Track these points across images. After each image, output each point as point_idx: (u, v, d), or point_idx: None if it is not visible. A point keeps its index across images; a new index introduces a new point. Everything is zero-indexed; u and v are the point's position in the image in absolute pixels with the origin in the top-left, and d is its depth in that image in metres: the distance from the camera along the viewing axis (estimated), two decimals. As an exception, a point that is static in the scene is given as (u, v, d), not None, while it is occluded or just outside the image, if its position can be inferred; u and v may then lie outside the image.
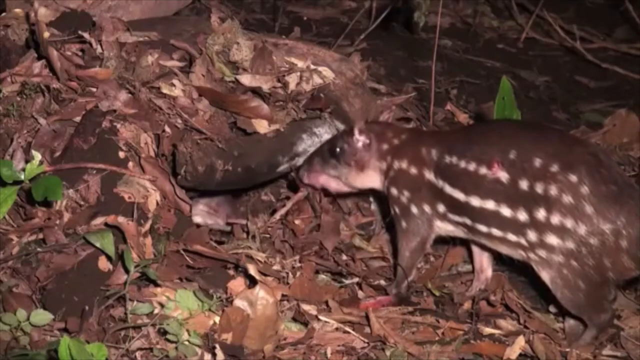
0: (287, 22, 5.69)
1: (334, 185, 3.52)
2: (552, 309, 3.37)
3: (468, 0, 6.24)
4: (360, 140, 3.41)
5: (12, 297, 2.94)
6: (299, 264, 3.34)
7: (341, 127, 3.75)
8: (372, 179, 3.46)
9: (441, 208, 3.26)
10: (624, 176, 3.13)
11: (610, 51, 5.94)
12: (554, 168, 2.99)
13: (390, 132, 3.44)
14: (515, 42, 5.98)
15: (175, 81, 3.46)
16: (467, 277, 3.60)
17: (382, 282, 3.51)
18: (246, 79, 3.56)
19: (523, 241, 3.08)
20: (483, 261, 3.48)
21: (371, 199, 3.86)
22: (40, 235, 3.08)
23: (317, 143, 3.66)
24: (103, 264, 2.99)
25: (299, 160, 3.61)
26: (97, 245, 2.95)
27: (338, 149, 3.44)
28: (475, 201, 3.14)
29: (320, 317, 3.10)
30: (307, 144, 3.61)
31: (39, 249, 3.03)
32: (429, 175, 3.26)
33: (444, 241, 3.53)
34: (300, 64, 3.73)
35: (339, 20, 5.86)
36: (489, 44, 5.92)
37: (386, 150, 3.39)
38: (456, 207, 3.21)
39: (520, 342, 3.01)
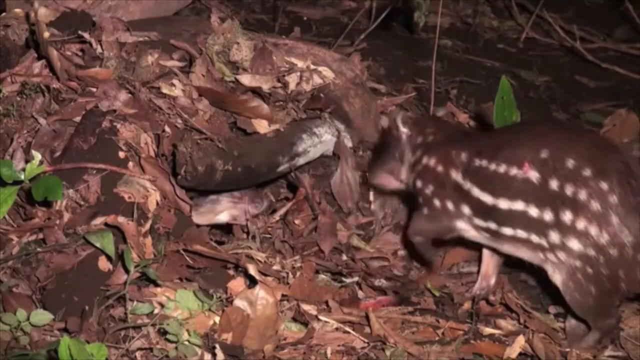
0: (287, 22, 5.69)
1: (394, 184, 3.54)
2: (552, 309, 3.37)
3: (468, 0, 6.24)
4: (404, 135, 3.42)
5: (12, 297, 2.94)
6: (299, 264, 3.34)
7: (341, 127, 3.75)
8: (403, 172, 3.47)
9: (466, 210, 3.20)
10: None
11: (610, 51, 5.94)
12: (587, 172, 2.96)
13: (427, 127, 3.44)
14: (515, 42, 5.97)
15: (175, 81, 3.46)
16: (467, 277, 3.60)
17: (383, 282, 3.51)
18: (246, 79, 3.56)
19: (544, 242, 3.05)
20: (490, 268, 3.46)
21: (371, 199, 3.86)
22: (40, 235, 3.08)
23: (317, 143, 3.66)
24: (103, 264, 2.99)
25: (299, 160, 3.61)
26: (97, 245, 2.95)
27: (387, 145, 3.47)
28: (503, 204, 3.09)
29: (320, 317, 3.10)
30: (307, 144, 3.61)
31: (39, 249, 3.03)
32: (456, 176, 3.22)
33: (443, 241, 3.53)
34: (300, 64, 3.74)
35: (339, 20, 5.85)
36: (489, 44, 5.91)
37: (419, 142, 3.40)
38: (482, 211, 3.15)
39: (520, 342, 3.01)
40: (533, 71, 5.62)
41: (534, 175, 3.02)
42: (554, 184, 2.99)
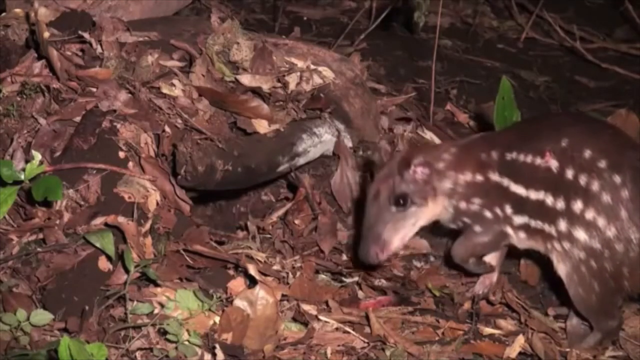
0: (287, 22, 5.69)
1: (410, 234, 3.22)
2: (550, 311, 3.37)
3: (468, 0, 6.24)
4: (422, 173, 3.15)
5: (12, 297, 2.94)
6: (299, 264, 3.34)
7: (341, 127, 3.75)
8: (443, 202, 3.20)
9: (508, 209, 3.14)
10: None
11: (610, 51, 5.94)
12: (602, 164, 2.97)
13: (437, 151, 3.24)
14: (515, 42, 5.97)
15: (175, 81, 3.46)
16: (467, 277, 3.60)
17: (383, 282, 3.51)
18: (246, 79, 3.56)
19: (553, 230, 3.05)
20: (493, 264, 3.46)
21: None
22: (40, 235, 3.08)
23: (317, 143, 3.65)
24: (103, 264, 2.99)
25: (299, 160, 3.61)
26: (97, 245, 2.95)
27: (404, 196, 3.12)
28: (532, 194, 3.07)
29: (320, 317, 3.10)
30: (307, 144, 3.61)
31: (39, 249, 3.03)
32: (494, 176, 3.14)
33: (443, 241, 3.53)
34: (300, 64, 3.73)
35: (339, 20, 5.85)
36: (489, 44, 5.91)
37: (444, 167, 3.18)
38: (518, 204, 3.11)
39: (520, 341, 3.01)
40: (533, 71, 5.62)
41: (554, 164, 3.02)
42: (569, 173, 3.00)
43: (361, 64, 4.07)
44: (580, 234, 2.99)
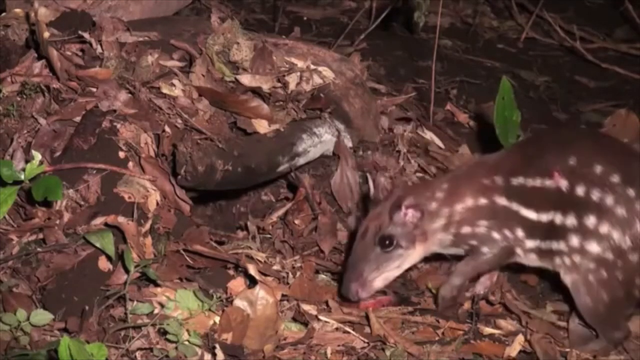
0: (287, 22, 5.69)
1: (392, 276, 3.19)
2: (549, 306, 3.37)
3: (468, 0, 6.24)
4: (413, 216, 3.11)
5: (12, 297, 2.94)
6: (299, 264, 3.34)
7: (341, 127, 3.75)
8: (436, 240, 3.18)
9: (519, 233, 3.11)
10: None
11: (610, 51, 5.94)
12: (615, 179, 2.97)
13: (429, 190, 3.19)
14: (515, 42, 5.98)
15: (175, 81, 3.46)
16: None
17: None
18: (246, 79, 3.56)
19: (562, 246, 3.04)
20: None
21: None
22: (40, 235, 3.08)
23: (317, 143, 3.65)
24: (103, 264, 2.99)
25: (299, 160, 3.61)
26: (97, 245, 2.95)
27: (390, 238, 3.10)
28: (544, 217, 3.05)
29: (320, 317, 3.10)
30: (307, 144, 3.61)
31: (39, 249, 3.03)
32: (501, 200, 3.10)
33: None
34: (300, 64, 3.73)
35: (339, 20, 5.86)
36: (489, 44, 5.92)
37: (437, 206, 3.14)
38: (530, 229, 3.09)
39: (519, 340, 3.01)
40: (533, 71, 5.62)
41: (564, 184, 3.01)
42: (580, 190, 2.99)
43: (361, 64, 4.07)
44: (593, 247, 2.99)
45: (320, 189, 3.77)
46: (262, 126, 3.47)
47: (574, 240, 3.01)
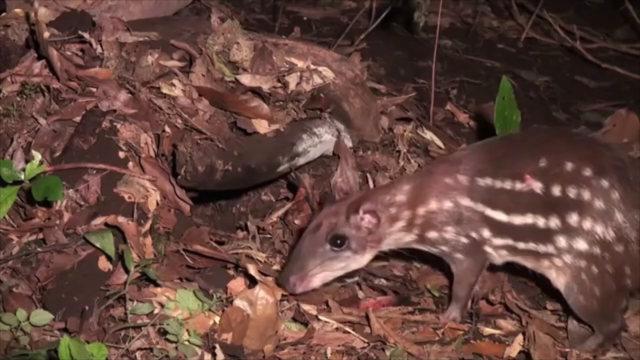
0: (287, 22, 5.69)
1: (335, 275, 3.12)
2: (549, 306, 3.37)
3: (468, 0, 6.24)
4: (369, 222, 3.07)
5: (12, 297, 2.94)
6: (299, 264, 3.33)
7: (341, 127, 3.75)
8: (390, 241, 3.15)
9: (486, 233, 3.09)
10: None
11: (610, 51, 5.95)
12: (587, 172, 2.97)
13: (389, 194, 3.12)
14: (515, 42, 5.98)
15: (175, 81, 3.46)
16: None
17: (383, 282, 3.51)
18: (246, 79, 3.56)
19: (551, 249, 3.04)
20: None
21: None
22: (40, 235, 3.08)
23: (317, 143, 3.65)
24: (103, 264, 2.99)
25: (299, 160, 3.61)
26: (97, 245, 2.95)
27: (342, 238, 3.05)
28: (517, 219, 3.04)
29: (320, 317, 3.10)
30: (307, 144, 3.61)
31: (39, 249, 3.03)
32: (465, 201, 3.07)
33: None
34: (300, 64, 3.73)
35: (339, 20, 5.86)
36: (489, 44, 5.92)
37: (397, 211, 3.09)
38: (498, 228, 3.07)
39: (519, 340, 3.01)
40: (533, 71, 5.62)
41: (537, 186, 3.00)
42: (556, 190, 2.99)
43: (361, 64, 4.07)
44: (581, 244, 2.99)
45: (320, 189, 3.77)
46: (262, 126, 3.47)
47: (562, 241, 3.01)
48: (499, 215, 3.06)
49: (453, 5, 6.17)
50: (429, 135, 4.16)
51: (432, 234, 3.12)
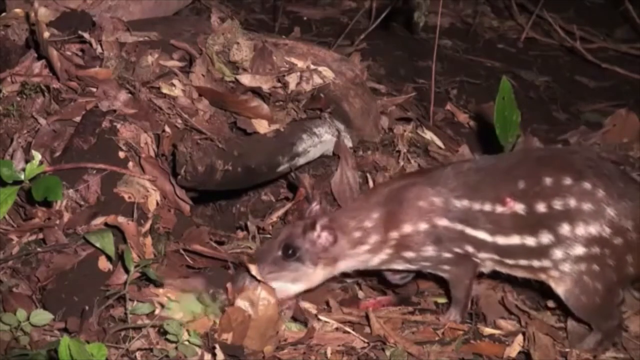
0: (287, 22, 5.70)
1: (292, 290, 3.08)
2: (550, 303, 3.38)
3: (468, 0, 6.24)
4: (325, 239, 3.06)
5: (12, 297, 2.94)
6: (299, 264, 3.33)
7: (341, 127, 3.75)
8: (351, 263, 3.13)
9: (470, 249, 3.10)
10: (618, 170, 3.18)
11: (610, 51, 5.95)
12: (567, 181, 2.99)
13: (356, 219, 3.10)
14: (515, 42, 5.98)
15: (175, 81, 3.46)
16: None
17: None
18: (246, 79, 3.56)
19: (547, 263, 3.05)
20: None
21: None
22: (40, 235, 3.08)
23: (317, 143, 3.65)
24: (103, 264, 2.99)
25: (299, 160, 3.61)
26: (97, 245, 2.95)
27: (293, 249, 3.05)
28: (501, 240, 3.05)
29: (320, 317, 3.10)
30: (307, 144, 3.61)
31: (39, 249, 3.03)
32: (442, 222, 3.07)
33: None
34: (300, 64, 3.73)
35: (339, 20, 5.86)
36: (489, 44, 5.92)
37: (362, 235, 3.08)
38: (480, 246, 3.09)
39: (519, 340, 3.01)
40: (533, 71, 5.62)
41: (520, 207, 3.02)
42: (541, 207, 3.01)
43: (361, 64, 4.07)
44: (578, 250, 3.01)
45: (320, 189, 3.77)
46: (262, 126, 3.47)
47: (558, 253, 3.03)
48: (482, 235, 3.07)
49: (453, 5, 6.17)
50: (429, 135, 4.16)
51: (409, 254, 3.12)
